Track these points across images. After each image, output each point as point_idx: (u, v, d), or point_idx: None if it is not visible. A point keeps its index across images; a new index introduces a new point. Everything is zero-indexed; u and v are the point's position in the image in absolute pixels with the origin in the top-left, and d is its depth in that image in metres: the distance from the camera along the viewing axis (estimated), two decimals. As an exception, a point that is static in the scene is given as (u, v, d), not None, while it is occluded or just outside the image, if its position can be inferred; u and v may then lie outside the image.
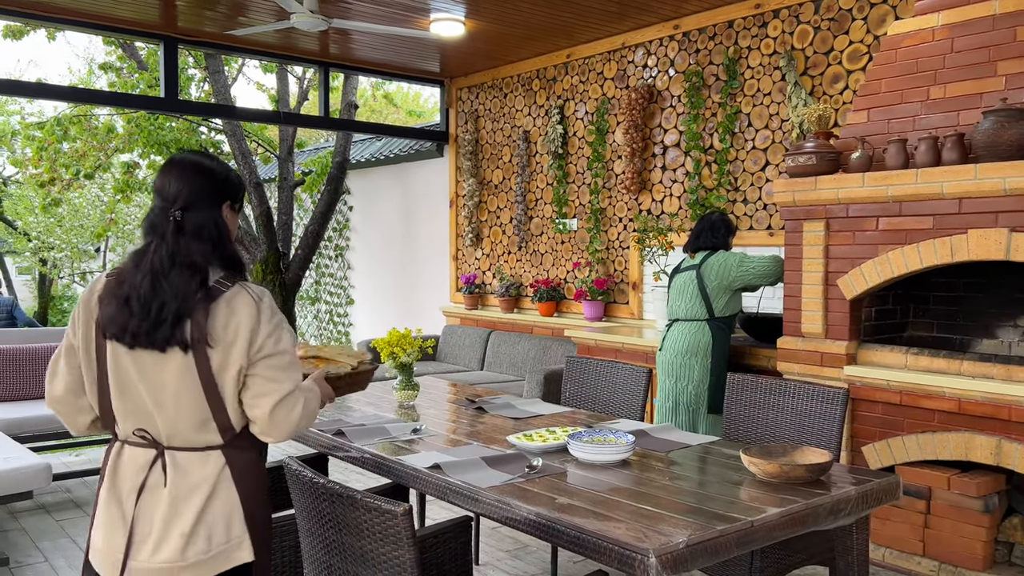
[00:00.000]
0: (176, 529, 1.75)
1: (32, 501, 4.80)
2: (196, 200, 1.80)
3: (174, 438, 1.79)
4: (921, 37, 3.92)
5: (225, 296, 1.78)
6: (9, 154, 11.95)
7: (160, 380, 1.76)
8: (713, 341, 4.22)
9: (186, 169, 1.82)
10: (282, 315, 1.87)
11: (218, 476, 1.79)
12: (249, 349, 1.76)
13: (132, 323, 1.72)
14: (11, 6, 5.51)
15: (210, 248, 1.79)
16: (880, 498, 2.33)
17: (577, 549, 1.95)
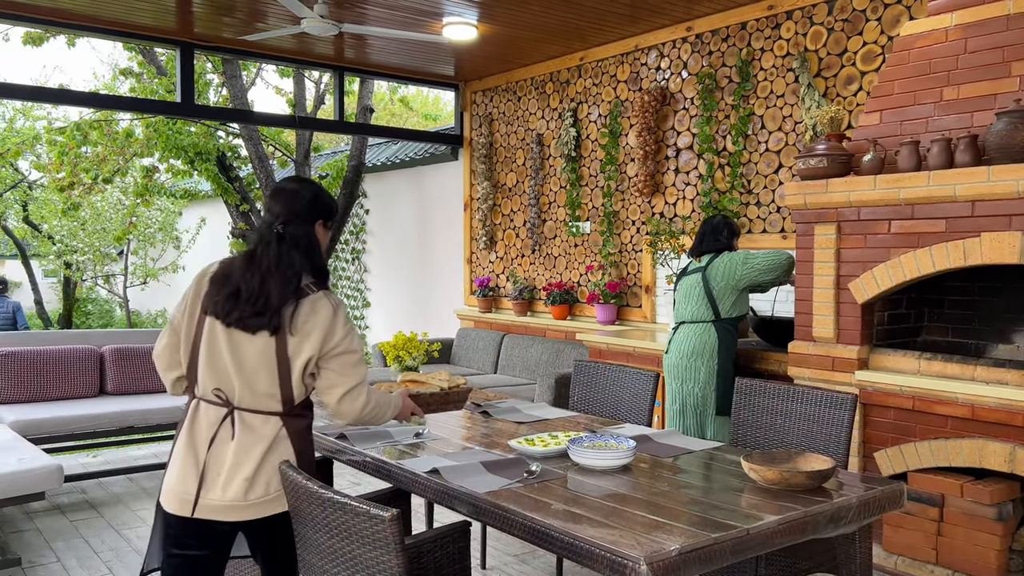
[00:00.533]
0: (241, 474, 2.13)
1: (48, 502, 4.86)
2: (294, 217, 2.21)
3: (244, 401, 2.17)
4: (934, 37, 3.87)
5: (310, 298, 2.18)
6: (34, 159, 12.13)
7: (245, 354, 2.15)
8: (719, 342, 4.18)
9: (287, 193, 2.25)
10: (353, 323, 2.34)
11: (276, 435, 2.17)
12: (323, 345, 2.17)
13: (237, 311, 2.13)
14: (31, 13, 5.60)
15: (303, 256, 2.20)
16: (883, 506, 2.29)
17: (570, 555, 1.94)
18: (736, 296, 4.21)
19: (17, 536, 4.28)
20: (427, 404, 2.79)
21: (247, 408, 2.16)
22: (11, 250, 16.30)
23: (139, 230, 13.67)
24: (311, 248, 2.22)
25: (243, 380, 2.15)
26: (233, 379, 2.15)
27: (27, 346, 5.37)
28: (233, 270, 2.18)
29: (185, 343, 2.23)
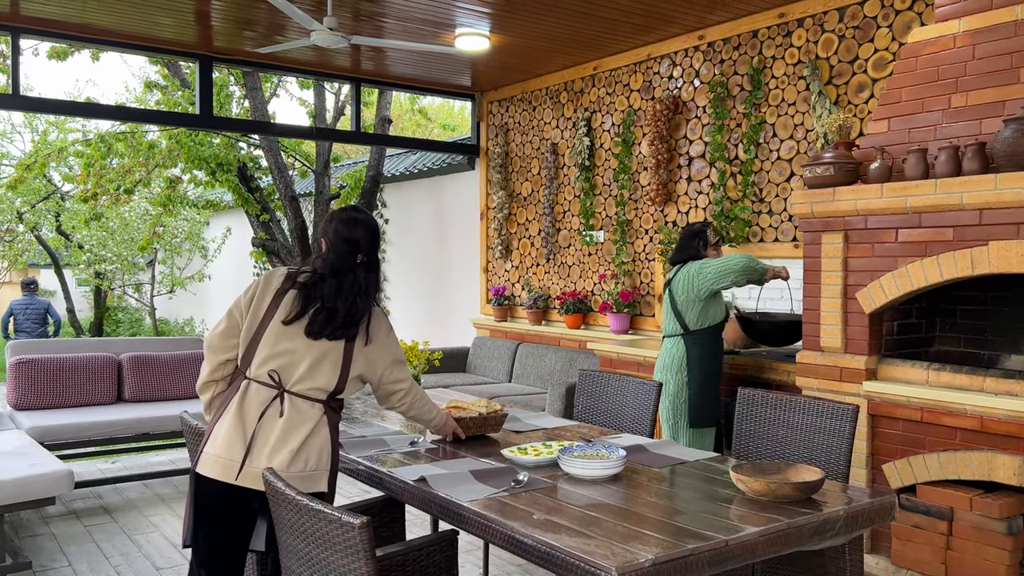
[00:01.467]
0: (287, 447, 2.36)
1: (64, 507, 4.95)
2: (373, 246, 2.56)
3: (297, 386, 2.43)
4: (942, 44, 3.82)
5: (374, 312, 2.55)
6: (65, 170, 12.40)
7: (317, 352, 2.44)
8: (687, 355, 4.18)
9: (367, 225, 2.56)
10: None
11: (319, 420, 2.43)
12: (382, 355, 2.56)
13: (330, 326, 2.42)
14: (59, 29, 5.74)
15: (378, 277, 2.57)
16: (872, 519, 2.26)
17: (546, 565, 1.94)
18: (701, 306, 4.17)
19: (31, 540, 4.36)
20: (467, 428, 3.02)
21: (297, 393, 2.42)
22: (45, 260, 16.66)
23: (165, 240, 13.90)
24: (379, 271, 2.62)
25: (308, 370, 2.43)
26: (295, 368, 2.43)
27: (46, 353, 5.48)
28: (322, 292, 2.46)
29: (247, 332, 2.48)
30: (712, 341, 4.22)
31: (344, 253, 2.49)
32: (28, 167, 8.66)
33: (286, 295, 2.47)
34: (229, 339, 2.51)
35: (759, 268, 4.15)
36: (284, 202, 8.03)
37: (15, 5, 5.26)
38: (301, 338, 2.44)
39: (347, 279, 2.47)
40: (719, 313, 4.21)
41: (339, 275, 2.47)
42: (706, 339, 4.19)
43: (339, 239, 2.51)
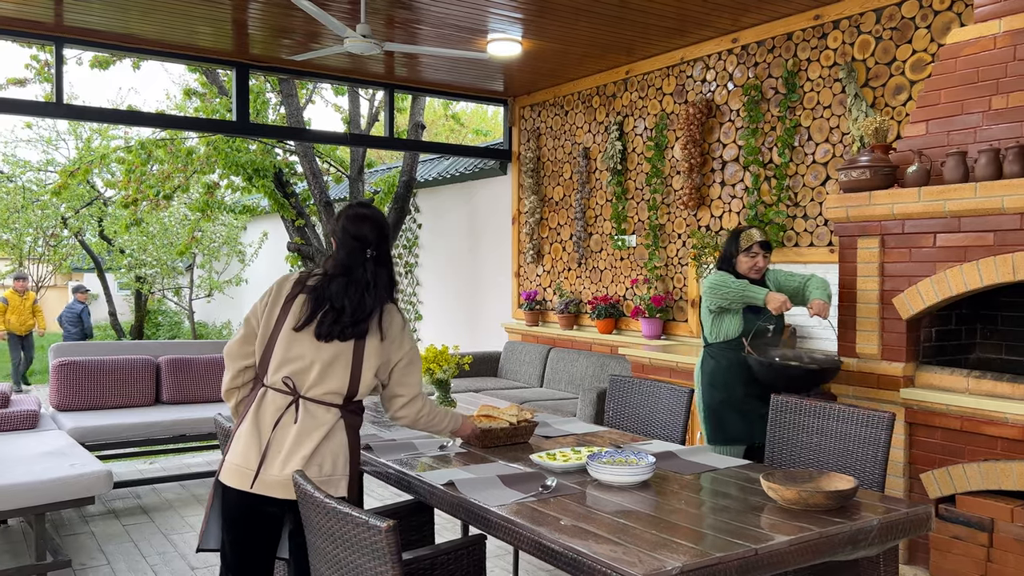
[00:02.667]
0: (299, 454, 2.34)
1: (103, 506, 5.06)
2: (384, 239, 2.50)
3: (311, 391, 2.40)
4: (982, 45, 3.74)
5: (387, 308, 2.48)
6: (108, 176, 12.68)
7: (328, 355, 2.40)
8: (702, 368, 4.00)
9: (374, 219, 2.51)
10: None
11: (334, 425, 2.40)
12: (398, 350, 2.48)
13: (338, 326, 2.38)
14: (102, 39, 5.88)
15: (389, 272, 2.50)
16: (907, 530, 2.21)
17: (574, 571, 1.93)
18: (712, 318, 3.93)
19: (72, 539, 4.45)
20: (499, 439, 3.00)
21: (312, 398, 2.39)
22: (89, 264, 17.05)
23: (204, 244, 14.13)
24: (392, 266, 2.54)
25: (320, 375, 2.39)
26: (308, 373, 2.40)
27: (87, 356, 5.60)
28: (330, 293, 2.42)
29: (261, 338, 2.48)
30: (727, 355, 3.90)
31: (353, 250, 2.46)
32: (72, 174, 8.87)
33: (295, 300, 2.45)
34: (246, 346, 2.51)
35: (731, 296, 3.79)
36: (319, 207, 8.12)
37: (59, 16, 5.40)
38: (312, 342, 2.41)
39: (356, 276, 2.43)
40: (732, 327, 3.88)
41: (348, 272, 2.43)
42: (722, 353, 3.92)
43: (347, 236, 2.48)
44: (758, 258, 3.90)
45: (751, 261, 3.90)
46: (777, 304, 3.70)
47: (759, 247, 3.90)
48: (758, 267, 3.90)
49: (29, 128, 15.13)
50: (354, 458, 2.44)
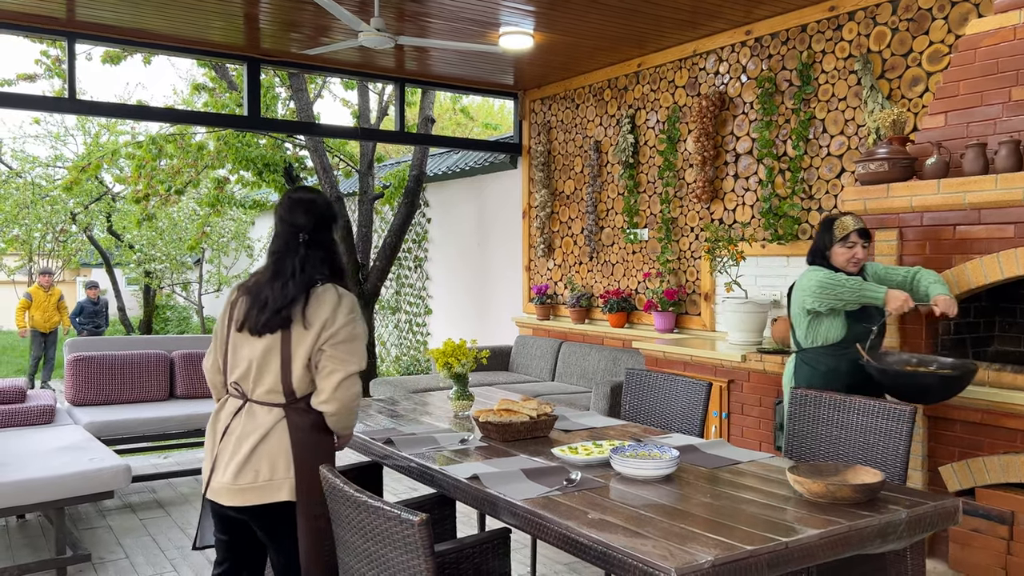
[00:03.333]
0: (235, 459, 2.32)
1: (120, 500, 5.07)
2: (318, 224, 2.42)
3: (256, 393, 2.37)
4: (1001, 36, 3.71)
5: (317, 290, 2.37)
6: (116, 172, 12.70)
7: (259, 350, 2.36)
8: (796, 375, 3.60)
9: (307, 203, 2.44)
10: (360, 315, 2.43)
11: (273, 425, 2.33)
12: (322, 331, 2.33)
13: (263, 318, 2.33)
14: (115, 34, 5.88)
15: (324, 258, 2.41)
16: (935, 523, 2.21)
17: (603, 564, 1.93)
18: (809, 321, 3.50)
19: (90, 533, 4.47)
20: (519, 433, 2.98)
21: (257, 400, 2.36)
22: (97, 259, 17.10)
23: (213, 240, 14.15)
24: (332, 251, 2.45)
25: (257, 374, 2.36)
26: (251, 373, 2.37)
27: (102, 351, 5.62)
28: (261, 285, 2.39)
29: (220, 347, 2.50)
30: (827, 362, 3.48)
31: (287, 238, 2.41)
32: (83, 169, 8.88)
33: (238, 303, 2.44)
34: (216, 358, 2.52)
35: (846, 295, 3.36)
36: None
37: (71, 11, 5.40)
38: (250, 341, 2.37)
39: (283, 264, 2.38)
40: (832, 332, 3.45)
41: (278, 261, 2.39)
42: (820, 359, 3.48)
43: (282, 224, 2.44)
44: (856, 248, 3.44)
45: (848, 252, 3.44)
46: (899, 303, 3.29)
47: (857, 235, 3.44)
48: (856, 259, 3.45)
49: (37, 124, 15.15)
50: (303, 458, 2.33)
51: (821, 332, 3.50)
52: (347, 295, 2.41)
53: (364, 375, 8.12)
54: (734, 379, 4.90)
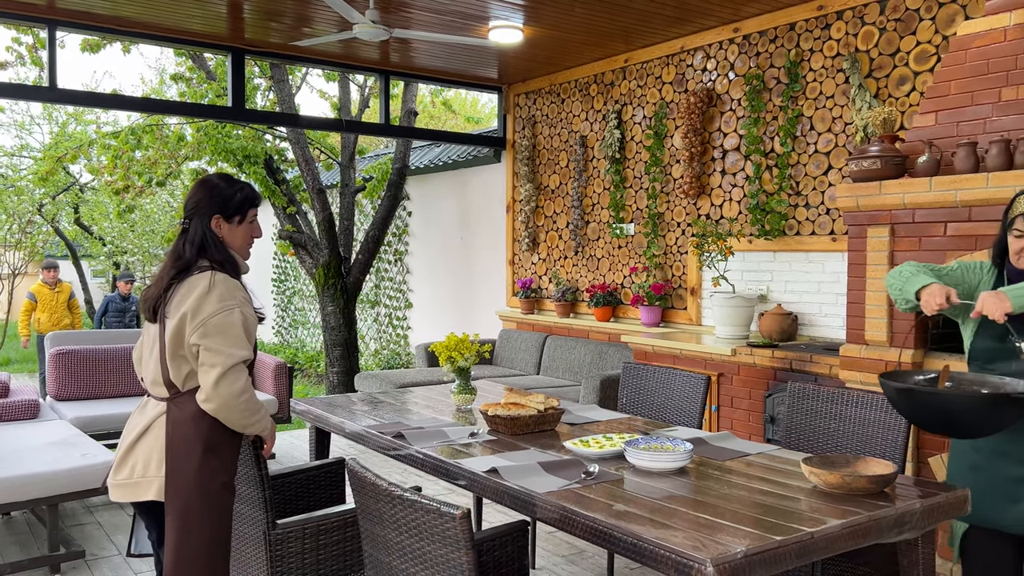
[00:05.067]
0: (118, 454, 2.32)
1: (107, 496, 5.00)
2: (192, 214, 2.38)
3: (146, 384, 2.37)
4: (992, 37, 3.80)
5: (190, 279, 2.29)
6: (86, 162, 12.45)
7: (147, 340, 2.37)
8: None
9: (191, 191, 2.42)
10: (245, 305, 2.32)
11: (153, 421, 2.27)
12: (191, 320, 2.23)
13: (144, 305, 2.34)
14: (91, 21, 5.76)
15: (196, 250, 2.33)
16: (948, 512, 2.27)
17: (634, 556, 1.96)
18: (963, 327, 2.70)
19: (79, 529, 4.40)
20: (527, 426, 3.01)
21: (150, 393, 2.36)
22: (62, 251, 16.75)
23: (187, 232, 13.94)
24: (205, 242, 2.35)
25: (144, 365, 2.38)
26: (140, 364, 2.42)
27: (85, 345, 5.52)
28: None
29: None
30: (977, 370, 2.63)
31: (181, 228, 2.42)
32: (59, 159, 8.69)
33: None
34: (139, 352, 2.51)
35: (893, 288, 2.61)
36: (311, 194, 8.05)
37: (53, -2, 5.29)
38: (147, 329, 2.40)
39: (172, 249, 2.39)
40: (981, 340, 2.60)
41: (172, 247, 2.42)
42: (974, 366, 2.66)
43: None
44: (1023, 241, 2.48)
45: (1017, 244, 2.50)
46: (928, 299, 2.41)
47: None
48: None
49: (2, 112, 14.80)
50: (176, 457, 2.24)
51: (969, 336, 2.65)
52: (222, 282, 2.29)
53: (346, 371, 8.12)
54: (723, 372, 4.96)
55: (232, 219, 2.41)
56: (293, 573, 2.54)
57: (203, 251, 2.33)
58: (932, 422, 2.40)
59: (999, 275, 2.57)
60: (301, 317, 12.43)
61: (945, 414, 2.32)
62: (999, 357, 2.49)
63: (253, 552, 2.61)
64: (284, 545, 2.51)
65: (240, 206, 2.41)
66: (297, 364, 11.58)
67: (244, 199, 2.43)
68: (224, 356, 2.21)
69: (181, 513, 2.22)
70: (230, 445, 2.34)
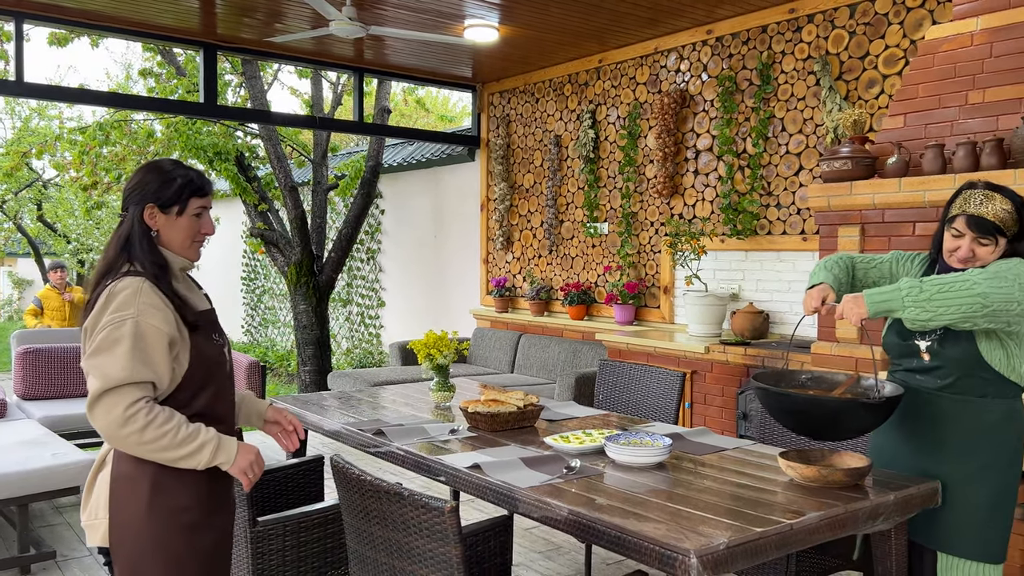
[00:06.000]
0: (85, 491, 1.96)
1: (77, 496, 4.92)
2: (127, 199, 1.98)
3: None
4: (960, 42, 3.90)
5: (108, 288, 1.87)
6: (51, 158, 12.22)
7: None
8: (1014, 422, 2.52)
9: (134, 171, 2.01)
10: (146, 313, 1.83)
11: (107, 453, 1.92)
12: (86, 337, 1.85)
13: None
14: (59, 15, 5.67)
15: (121, 245, 1.93)
16: (920, 503, 2.33)
17: (617, 549, 1.98)
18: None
19: (49, 530, 4.33)
20: (507, 423, 3.02)
21: None
22: (24, 248, 16.43)
23: (155, 229, 13.74)
24: (131, 236, 1.92)
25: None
26: None
27: (53, 343, 5.43)
28: None
29: None
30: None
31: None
32: (25, 154, 8.52)
33: None
34: None
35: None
36: (283, 192, 7.99)
37: (21, -10, 5.19)
38: None
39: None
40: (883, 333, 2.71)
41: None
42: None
43: None
44: (961, 242, 2.38)
45: (952, 243, 2.41)
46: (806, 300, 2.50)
47: (965, 223, 2.37)
48: (962, 257, 2.38)
49: (-38, 106, 14.48)
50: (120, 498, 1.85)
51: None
52: (125, 288, 1.85)
53: (318, 370, 8.07)
54: (697, 370, 5.02)
55: (169, 209, 1.96)
56: (275, 570, 2.53)
57: (125, 246, 1.92)
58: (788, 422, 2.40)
59: (929, 268, 2.58)
60: (271, 316, 12.33)
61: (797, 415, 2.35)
62: (904, 354, 2.54)
63: (235, 549, 2.59)
64: (265, 542, 2.50)
65: (178, 194, 1.95)
66: (268, 363, 11.48)
67: (184, 185, 1.96)
68: (96, 379, 1.77)
69: (130, 568, 1.84)
70: (192, 476, 1.89)
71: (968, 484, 2.40)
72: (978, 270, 2.30)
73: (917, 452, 2.48)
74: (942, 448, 2.44)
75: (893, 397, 2.35)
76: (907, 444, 2.51)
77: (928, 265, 2.59)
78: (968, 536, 2.39)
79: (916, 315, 2.23)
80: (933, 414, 2.45)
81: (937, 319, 2.23)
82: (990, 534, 2.40)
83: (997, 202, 2.35)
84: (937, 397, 2.45)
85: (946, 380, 2.43)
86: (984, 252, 2.36)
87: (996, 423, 2.41)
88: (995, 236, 2.34)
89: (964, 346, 2.38)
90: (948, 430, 2.43)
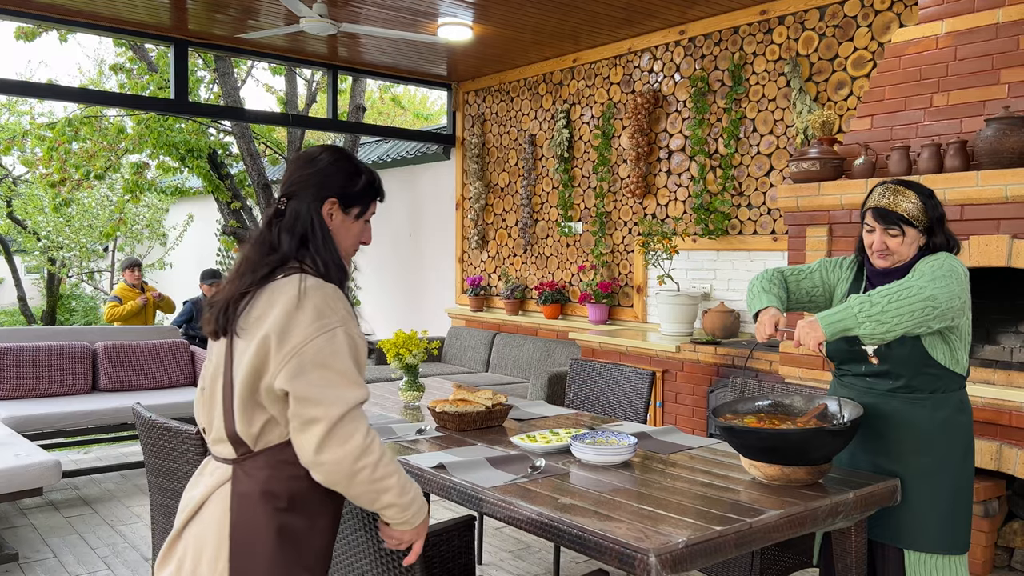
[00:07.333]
0: (169, 539, 1.59)
1: (41, 498, 4.85)
2: (297, 190, 1.68)
3: (209, 437, 1.63)
4: (925, 45, 3.95)
5: (273, 284, 1.58)
6: (20, 154, 12.03)
7: (210, 367, 1.63)
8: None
9: (300, 159, 1.73)
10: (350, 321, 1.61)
11: (211, 494, 1.55)
12: (272, 349, 1.50)
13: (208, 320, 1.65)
14: (25, 8, 5.58)
15: (298, 243, 1.64)
16: (879, 501, 2.36)
17: (579, 548, 1.99)
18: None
19: (12, 532, 4.27)
20: (475, 422, 3.01)
21: (212, 452, 1.64)
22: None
23: (127, 227, 13.60)
24: (308, 232, 1.66)
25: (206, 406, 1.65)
26: (201, 403, 1.67)
27: (20, 342, 5.35)
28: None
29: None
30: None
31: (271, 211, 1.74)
32: (-9, 151, 8.39)
33: None
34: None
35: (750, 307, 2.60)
36: (257, 189, 7.93)
37: (-14, -17, 5.11)
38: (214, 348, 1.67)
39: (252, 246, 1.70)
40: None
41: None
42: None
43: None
44: (873, 235, 2.44)
45: (867, 239, 2.48)
46: (759, 328, 2.46)
47: (872, 216, 2.43)
48: (876, 249, 2.44)
49: (-71, 101, 14.19)
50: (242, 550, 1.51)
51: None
52: (318, 289, 1.58)
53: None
54: (668, 369, 5.05)
55: (349, 209, 1.73)
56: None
57: (304, 244, 1.65)
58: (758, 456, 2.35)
59: (858, 272, 2.60)
60: (246, 314, 12.22)
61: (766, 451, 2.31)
62: (851, 359, 2.53)
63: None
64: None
65: (363, 193, 1.73)
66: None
67: (370, 184, 1.75)
68: (327, 405, 1.48)
69: None
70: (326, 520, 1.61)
71: (929, 478, 2.43)
72: (916, 275, 2.31)
73: (876, 453, 2.51)
74: (900, 446, 2.47)
75: (857, 419, 2.34)
76: (865, 446, 2.54)
77: (857, 267, 2.62)
78: (933, 530, 2.42)
79: (872, 330, 2.23)
80: (888, 415, 2.48)
81: (894, 330, 2.23)
82: (954, 525, 2.43)
83: (902, 195, 2.40)
84: (891, 398, 2.48)
85: (898, 381, 2.46)
86: (895, 243, 2.39)
87: (949, 416, 2.45)
88: (900, 226, 2.38)
89: (910, 346, 2.41)
90: (904, 429, 2.46)
